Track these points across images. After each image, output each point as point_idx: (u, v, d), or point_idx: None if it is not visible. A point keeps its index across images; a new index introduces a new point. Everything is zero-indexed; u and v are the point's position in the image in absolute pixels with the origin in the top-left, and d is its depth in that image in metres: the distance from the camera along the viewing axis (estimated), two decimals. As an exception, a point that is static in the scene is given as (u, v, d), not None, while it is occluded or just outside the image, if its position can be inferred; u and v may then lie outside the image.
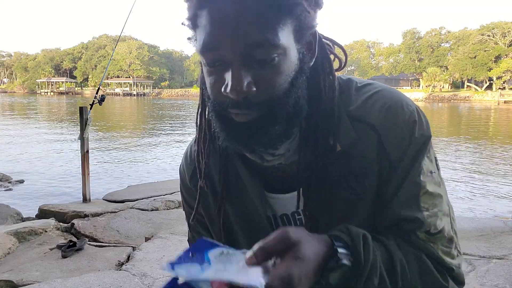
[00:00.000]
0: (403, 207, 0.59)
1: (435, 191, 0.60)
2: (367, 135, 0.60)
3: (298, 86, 0.55)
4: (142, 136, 13.98)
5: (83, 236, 3.30)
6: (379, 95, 0.62)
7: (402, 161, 0.60)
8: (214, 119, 0.57)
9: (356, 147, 0.60)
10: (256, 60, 0.51)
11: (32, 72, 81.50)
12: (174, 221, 3.71)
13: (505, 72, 49.72)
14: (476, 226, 3.36)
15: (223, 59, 0.52)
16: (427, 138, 0.61)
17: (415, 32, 63.15)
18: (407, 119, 0.60)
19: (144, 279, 2.44)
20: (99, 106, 4.48)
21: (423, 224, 0.58)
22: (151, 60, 74.09)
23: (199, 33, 0.54)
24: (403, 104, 0.61)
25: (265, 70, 0.52)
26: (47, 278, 2.48)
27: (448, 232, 0.60)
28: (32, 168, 7.82)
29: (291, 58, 0.54)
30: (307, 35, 0.56)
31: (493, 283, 2.34)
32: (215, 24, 0.51)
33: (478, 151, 10.51)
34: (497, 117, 25.20)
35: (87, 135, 4.41)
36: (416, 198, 0.59)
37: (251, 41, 0.50)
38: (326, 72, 0.61)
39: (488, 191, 6.22)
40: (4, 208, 4.31)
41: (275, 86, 0.53)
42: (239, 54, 0.50)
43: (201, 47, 0.53)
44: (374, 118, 0.60)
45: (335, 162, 0.60)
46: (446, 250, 0.59)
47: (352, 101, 0.62)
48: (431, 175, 0.61)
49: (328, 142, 0.60)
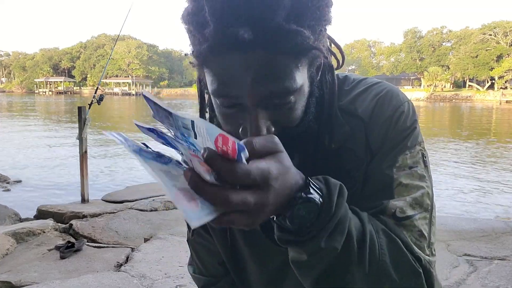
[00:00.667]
0: (376, 197, 0.56)
1: (413, 183, 0.56)
2: (357, 128, 0.60)
3: (309, 111, 0.56)
4: (141, 136, 13.93)
5: (82, 237, 3.28)
6: (372, 89, 0.62)
7: (379, 152, 0.59)
8: None
9: (348, 141, 0.60)
10: (273, 104, 0.51)
11: (30, 71, 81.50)
12: (173, 221, 3.69)
13: (507, 71, 49.71)
14: (478, 227, 3.34)
15: (239, 102, 0.51)
16: (410, 131, 0.59)
17: (417, 31, 63.19)
18: (392, 111, 0.59)
19: (143, 280, 2.42)
20: (97, 105, 4.46)
21: (386, 208, 0.54)
22: (150, 59, 74.09)
23: (209, 72, 0.51)
24: (392, 97, 0.60)
25: (283, 111, 0.52)
26: (45, 279, 2.47)
27: (421, 227, 0.55)
28: (30, 169, 7.80)
29: (304, 92, 0.54)
30: (316, 60, 0.54)
31: (494, 284, 2.32)
32: (230, 75, 0.49)
33: (479, 151, 10.50)
34: (499, 116, 25.20)
35: (85, 135, 4.39)
36: (389, 190, 0.56)
37: (269, 91, 0.49)
38: (325, 73, 0.60)
39: (489, 191, 6.20)
40: (2, 209, 4.30)
41: (292, 122, 0.54)
42: (257, 101, 0.50)
43: (215, 92, 0.51)
44: (363, 110, 0.60)
45: (329, 158, 0.60)
46: (416, 243, 0.53)
47: (345, 96, 0.62)
48: (408, 170, 0.57)
49: (323, 141, 0.60)
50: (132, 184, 6.20)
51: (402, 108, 0.60)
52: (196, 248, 0.78)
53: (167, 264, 2.65)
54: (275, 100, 0.51)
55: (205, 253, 0.77)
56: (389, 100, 0.60)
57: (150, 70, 73.42)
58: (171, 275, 2.49)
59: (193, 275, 0.82)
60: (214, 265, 0.77)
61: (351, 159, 0.60)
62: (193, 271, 0.82)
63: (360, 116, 0.60)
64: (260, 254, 0.70)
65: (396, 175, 0.57)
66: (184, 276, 2.45)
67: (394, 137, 0.59)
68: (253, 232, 0.67)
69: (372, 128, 0.59)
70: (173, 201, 0.36)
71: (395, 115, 0.59)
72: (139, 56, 72.28)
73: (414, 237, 0.54)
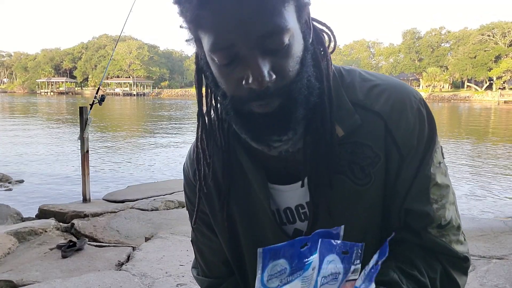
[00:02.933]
0: (414, 201, 0.60)
1: (443, 182, 0.61)
2: (373, 123, 0.59)
3: (307, 65, 0.55)
4: (142, 136, 13.97)
5: (83, 236, 3.29)
6: (385, 85, 0.62)
7: (414, 153, 0.59)
8: (232, 116, 0.56)
9: (360, 133, 0.59)
10: (270, 49, 0.51)
11: (32, 72, 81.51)
12: (174, 221, 3.70)
13: (505, 72, 49.71)
14: (476, 226, 3.35)
15: (237, 54, 0.51)
16: (435, 128, 0.61)
17: (415, 32, 63.20)
18: (415, 110, 0.60)
19: (144, 279, 2.44)
20: (99, 106, 4.48)
21: (434, 219, 0.59)
22: (151, 60, 74.07)
23: (205, 34, 0.52)
24: (410, 94, 0.61)
25: (280, 57, 0.52)
26: (47, 278, 2.48)
27: (456, 220, 0.62)
28: (32, 168, 7.82)
29: (298, 39, 0.54)
30: (305, 12, 0.56)
31: (493, 283, 2.34)
32: (222, 21, 0.50)
33: (478, 151, 10.51)
34: (497, 117, 25.20)
35: (87, 135, 4.41)
36: (426, 190, 0.60)
37: (262, 32, 0.49)
38: (320, 50, 0.60)
39: (488, 191, 6.22)
40: (4, 208, 4.31)
41: (290, 70, 0.53)
42: (254, 46, 0.50)
43: (211, 46, 0.52)
44: (380, 106, 0.60)
45: (339, 148, 0.59)
46: (457, 239, 0.61)
47: (356, 88, 0.62)
48: (439, 166, 0.61)
49: (332, 125, 0.59)
50: (133, 183, 6.21)
51: (422, 103, 0.61)
52: (200, 248, 0.78)
53: (168, 263, 2.67)
54: (270, 45, 0.50)
55: (209, 252, 0.77)
56: (407, 96, 0.60)
57: (151, 70, 73.37)
58: (172, 274, 2.51)
59: (196, 277, 0.81)
60: (218, 265, 0.76)
61: (366, 155, 0.59)
62: (196, 274, 0.82)
63: (378, 112, 0.59)
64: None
65: (433, 175, 0.60)
66: (185, 275, 2.47)
67: (426, 137, 0.60)
68: (257, 230, 0.67)
69: (396, 126, 0.59)
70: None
71: (418, 114, 0.60)
72: (140, 56, 72.26)
73: (454, 235, 0.61)
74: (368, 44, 75.12)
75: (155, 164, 8.55)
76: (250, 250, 0.70)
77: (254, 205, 0.66)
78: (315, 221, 0.62)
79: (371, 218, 0.62)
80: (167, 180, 6.09)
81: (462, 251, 0.61)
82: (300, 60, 0.54)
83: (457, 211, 0.64)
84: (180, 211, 4.04)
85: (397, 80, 0.64)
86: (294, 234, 0.66)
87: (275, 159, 0.62)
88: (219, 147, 0.65)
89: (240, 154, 0.65)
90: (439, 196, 0.60)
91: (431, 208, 0.59)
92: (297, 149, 0.61)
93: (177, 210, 4.11)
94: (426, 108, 0.62)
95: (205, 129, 0.64)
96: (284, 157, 0.61)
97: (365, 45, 74.85)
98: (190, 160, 0.74)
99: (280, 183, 0.64)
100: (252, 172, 0.64)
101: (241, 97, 0.53)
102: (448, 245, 0.60)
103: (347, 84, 0.62)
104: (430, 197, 0.60)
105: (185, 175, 0.76)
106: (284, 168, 0.64)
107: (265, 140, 0.57)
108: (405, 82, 0.68)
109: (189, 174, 0.74)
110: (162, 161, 8.85)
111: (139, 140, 12.71)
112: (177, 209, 4.17)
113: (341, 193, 0.60)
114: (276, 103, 0.53)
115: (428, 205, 0.59)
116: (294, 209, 0.65)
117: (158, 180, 6.30)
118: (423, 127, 0.60)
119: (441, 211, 0.60)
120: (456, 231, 0.62)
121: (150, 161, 8.93)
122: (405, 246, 0.61)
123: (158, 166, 8.25)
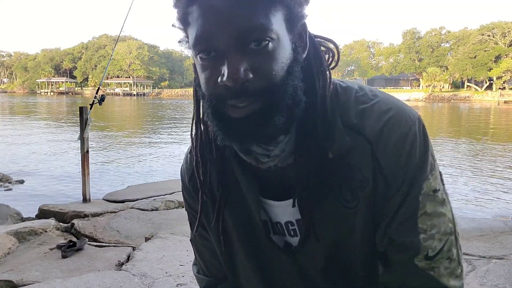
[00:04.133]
0: (400, 230, 0.57)
1: (436, 211, 0.58)
2: (362, 148, 0.58)
3: (294, 75, 0.54)
4: (142, 136, 13.98)
5: (83, 236, 3.29)
6: (379, 106, 0.59)
7: (401, 181, 0.57)
8: (210, 116, 0.55)
9: (350, 155, 0.58)
10: (250, 48, 0.51)
11: (32, 72, 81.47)
12: (174, 221, 3.71)
13: (505, 72, 49.69)
14: (476, 226, 3.36)
15: (217, 49, 0.51)
16: (428, 154, 0.58)
17: (415, 32, 63.15)
18: (406, 133, 0.57)
19: (144, 279, 2.44)
20: (99, 106, 4.48)
21: (419, 250, 0.57)
22: (151, 60, 74.04)
23: (191, 30, 0.53)
24: (402, 117, 0.58)
25: (260, 57, 0.51)
26: (47, 278, 2.48)
27: (450, 251, 0.58)
28: (32, 168, 7.82)
29: (284, 46, 0.53)
30: (298, 26, 0.56)
31: (493, 283, 2.34)
32: (206, 16, 0.51)
33: (477, 151, 10.51)
34: (497, 117, 25.20)
35: (87, 135, 4.41)
36: (413, 220, 0.57)
37: (243, 27, 0.50)
38: (318, 67, 0.59)
39: (488, 191, 6.22)
40: (4, 208, 4.31)
41: (272, 73, 0.51)
42: (233, 41, 0.50)
43: (194, 40, 0.52)
44: (369, 130, 0.58)
45: (329, 168, 0.58)
46: (448, 272, 0.57)
47: (350, 109, 0.60)
48: (433, 195, 0.58)
49: (323, 144, 0.58)
50: (133, 183, 6.22)
51: (414, 129, 0.58)
52: (199, 249, 0.79)
53: (168, 263, 2.67)
54: (252, 45, 0.50)
55: (207, 254, 0.77)
56: (399, 121, 0.57)
57: (151, 70, 73.35)
58: (172, 274, 2.51)
59: (196, 275, 0.82)
60: (217, 266, 0.76)
61: (356, 178, 0.58)
62: (197, 271, 0.82)
63: (366, 136, 0.57)
64: (256, 259, 0.69)
65: (422, 204, 0.57)
66: (185, 275, 2.47)
67: (415, 164, 0.57)
68: (250, 240, 0.67)
69: (382, 151, 0.57)
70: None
71: (408, 139, 0.57)
72: (140, 56, 72.24)
73: (446, 268, 0.57)
74: (368, 44, 75.06)
75: (155, 164, 8.55)
76: (244, 260, 0.70)
77: (247, 216, 0.66)
78: (306, 238, 0.62)
79: (358, 240, 0.61)
80: (167, 180, 6.09)
81: (454, 285, 0.57)
82: (286, 68, 0.53)
83: (456, 240, 0.59)
84: (180, 211, 4.04)
85: (395, 102, 0.60)
86: (285, 246, 0.67)
87: (267, 173, 0.62)
88: (212, 158, 0.65)
89: (234, 165, 0.64)
90: (429, 226, 0.57)
91: (417, 239, 0.57)
92: (287, 165, 0.60)
93: (177, 210, 4.11)
94: (421, 131, 0.58)
95: (200, 138, 0.64)
96: (275, 171, 0.61)
97: (365, 45, 74.80)
98: (186, 165, 0.74)
99: (272, 198, 0.64)
100: (245, 184, 0.64)
101: (218, 94, 0.52)
102: (437, 278, 0.56)
103: (342, 104, 0.60)
104: (418, 227, 0.57)
105: (182, 180, 0.76)
106: (277, 183, 0.64)
107: (254, 152, 0.57)
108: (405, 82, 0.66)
109: (185, 179, 0.74)
110: (162, 161, 8.85)
111: (139, 140, 12.71)
112: (177, 209, 4.17)
113: (329, 214, 0.60)
114: (254, 106, 0.52)
115: (414, 235, 0.57)
116: (284, 225, 0.65)
117: (158, 180, 6.31)
118: (413, 154, 0.57)
119: (429, 241, 0.57)
120: (448, 264, 0.57)
121: (150, 161, 8.93)
122: (391, 279, 0.59)
123: (158, 166, 8.25)
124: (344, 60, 71.55)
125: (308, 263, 0.65)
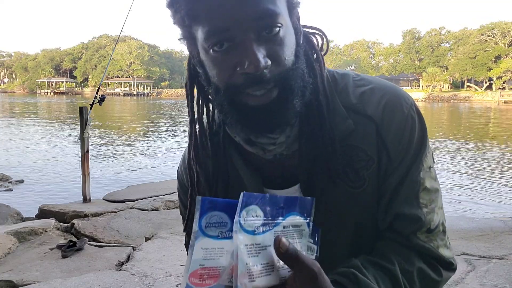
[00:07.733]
0: (404, 205, 0.60)
1: (433, 187, 0.62)
2: (365, 126, 0.60)
3: (301, 58, 0.56)
4: (142, 136, 13.98)
5: (83, 236, 3.30)
6: (377, 89, 0.62)
7: (403, 157, 0.60)
8: (226, 108, 0.56)
9: (353, 137, 0.60)
10: (262, 35, 0.52)
11: (32, 72, 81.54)
12: (174, 221, 3.71)
13: (505, 72, 49.73)
14: (476, 226, 3.36)
15: (232, 39, 0.52)
16: (426, 133, 0.62)
17: (415, 32, 63.20)
18: (406, 115, 0.60)
19: (144, 279, 2.44)
20: (99, 106, 4.48)
21: (424, 223, 0.60)
22: (151, 60, 74.09)
23: (199, 25, 0.53)
24: (401, 99, 0.62)
25: (273, 44, 0.52)
26: (47, 278, 2.48)
27: (443, 225, 0.63)
28: (32, 168, 7.82)
29: (290, 30, 0.55)
30: (295, 11, 0.58)
31: (493, 283, 2.34)
32: (216, 9, 0.51)
33: (477, 151, 10.51)
34: (497, 116, 25.20)
35: (87, 135, 4.41)
36: (416, 195, 0.60)
37: (255, 14, 0.51)
38: (312, 51, 0.61)
39: (488, 191, 6.22)
40: (4, 208, 4.31)
41: (285, 58, 0.53)
42: (248, 30, 0.51)
43: (206, 34, 0.53)
44: (372, 110, 0.60)
45: (334, 152, 0.60)
46: (443, 243, 0.62)
47: (349, 93, 0.62)
48: (429, 171, 0.62)
49: (328, 127, 0.60)
50: (133, 183, 6.22)
51: (413, 108, 0.61)
52: None
53: (168, 263, 2.67)
54: (263, 32, 0.52)
55: None
56: (399, 101, 0.61)
57: (151, 70, 73.40)
58: (172, 274, 2.51)
59: None
60: None
61: (360, 158, 0.60)
62: None
63: (370, 116, 0.60)
64: None
65: (423, 180, 0.60)
66: (185, 274, 2.47)
67: (416, 142, 0.60)
68: None
69: (387, 130, 0.60)
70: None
71: (409, 118, 0.60)
72: (140, 56, 72.28)
73: (441, 239, 0.61)
74: (368, 44, 75.08)
75: (155, 164, 8.55)
76: None
77: None
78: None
79: (365, 219, 0.62)
80: (167, 180, 6.09)
81: (448, 256, 0.62)
82: (294, 52, 0.55)
83: (443, 213, 0.64)
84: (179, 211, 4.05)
85: (390, 84, 0.64)
86: None
87: (270, 163, 0.63)
88: (208, 155, 0.65)
89: (235, 159, 0.65)
90: (428, 200, 0.60)
91: (421, 212, 0.60)
92: (292, 152, 0.61)
93: (177, 210, 4.10)
94: (417, 112, 0.62)
95: (195, 137, 0.65)
96: (279, 160, 0.62)
97: (365, 45, 74.81)
98: (184, 165, 0.74)
99: (276, 188, 0.65)
100: (247, 177, 0.65)
101: (236, 84, 0.53)
102: (435, 250, 0.60)
103: (341, 88, 0.63)
104: (420, 202, 0.60)
105: (179, 179, 0.77)
106: (279, 172, 0.64)
107: (259, 143, 0.58)
108: (405, 82, 0.67)
109: (183, 178, 0.75)
110: (162, 161, 8.85)
111: (139, 140, 12.71)
112: (177, 209, 4.16)
113: (336, 197, 0.61)
114: (273, 93, 0.53)
115: (418, 209, 0.60)
116: None
117: (158, 180, 6.31)
118: (413, 131, 0.60)
119: (430, 215, 0.60)
120: (443, 236, 0.62)
121: (150, 161, 8.94)
122: (384, 244, 0.61)
123: (158, 166, 8.26)
124: (344, 60, 71.56)
125: None
